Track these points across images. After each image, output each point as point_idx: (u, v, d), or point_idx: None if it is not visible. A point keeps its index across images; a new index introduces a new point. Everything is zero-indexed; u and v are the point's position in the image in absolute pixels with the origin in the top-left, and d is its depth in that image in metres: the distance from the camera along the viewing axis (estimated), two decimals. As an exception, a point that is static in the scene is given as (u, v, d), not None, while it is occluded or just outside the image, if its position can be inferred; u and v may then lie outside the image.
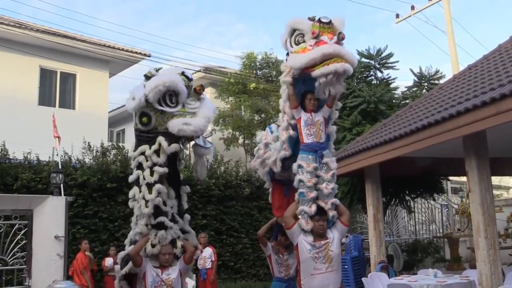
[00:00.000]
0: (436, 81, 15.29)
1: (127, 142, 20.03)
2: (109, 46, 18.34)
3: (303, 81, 5.34)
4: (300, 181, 5.14)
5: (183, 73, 5.18)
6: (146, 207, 4.97)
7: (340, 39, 4.96)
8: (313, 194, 5.10)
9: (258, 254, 16.59)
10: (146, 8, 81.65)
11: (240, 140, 19.64)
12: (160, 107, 4.98)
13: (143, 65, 19.29)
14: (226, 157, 17.65)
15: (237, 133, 19.41)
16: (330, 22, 5.00)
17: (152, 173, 5.01)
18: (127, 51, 18.66)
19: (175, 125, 4.95)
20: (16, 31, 16.43)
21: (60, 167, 11.21)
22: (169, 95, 4.99)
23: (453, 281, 7.75)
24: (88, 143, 15.01)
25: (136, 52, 19.07)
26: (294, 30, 5.24)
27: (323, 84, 4.97)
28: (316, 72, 4.91)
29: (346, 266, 10.17)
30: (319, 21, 5.00)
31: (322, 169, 5.20)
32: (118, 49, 18.27)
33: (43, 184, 12.59)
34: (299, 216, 5.10)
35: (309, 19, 5.15)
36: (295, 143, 5.62)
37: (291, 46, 5.28)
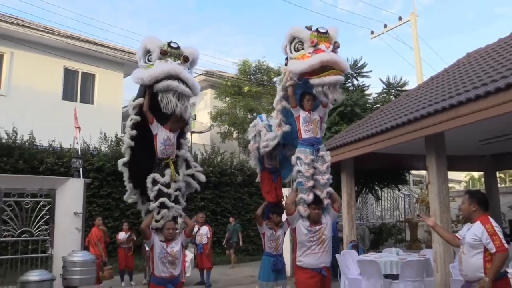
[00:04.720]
0: (402, 88, 15.37)
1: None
2: (124, 51, 18.24)
3: (302, 83, 5.23)
4: (299, 171, 5.01)
5: (169, 44, 5.04)
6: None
7: (335, 47, 4.90)
8: (311, 183, 4.97)
9: (247, 232, 16.66)
10: (157, 19, 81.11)
11: (235, 135, 19.64)
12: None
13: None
14: (222, 149, 17.69)
15: (232, 128, 19.41)
16: (326, 32, 4.90)
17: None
18: (139, 55, 18.50)
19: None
20: (44, 36, 16.31)
21: (79, 153, 11.14)
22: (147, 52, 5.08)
23: (412, 259, 7.79)
24: (104, 133, 14.97)
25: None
26: (293, 38, 5.10)
27: (320, 92, 4.90)
28: (314, 81, 4.86)
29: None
30: (317, 31, 4.89)
31: (318, 162, 5.08)
32: (132, 53, 18.10)
33: (64, 167, 12.58)
34: (298, 203, 5.00)
35: (307, 28, 5.03)
36: (285, 137, 5.63)
37: (291, 52, 5.14)
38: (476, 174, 33.97)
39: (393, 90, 15.61)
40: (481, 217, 4.17)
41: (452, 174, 23.13)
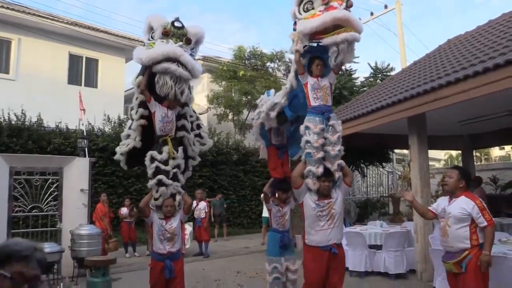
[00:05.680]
0: (388, 73, 15.32)
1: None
2: (126, 37, 17.98)
3: (310, 49, 4.64)
4: (307, 142, 4.39)
5: (173, 23, 4.68)
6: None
7: (348, 6, 4.25)
8: (320, 154, 4.34)
9: (242, 207, 16.79)
10: (159, 8, 79.82)
11: (230, 117, 19.56)
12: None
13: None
14: (218, 129, 17.67)
15: (228, 110, 19.32)
16: None
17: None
18: (141, 41, 18.26)
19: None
20: (51, 23, 16.01)
21: (85, 134, 11.07)
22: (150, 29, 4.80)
23: (395, 230, 7.90)
24: (108, 115, 14.89)
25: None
26: None
27: (334, 52, 4.28)
28: (327, 40, 4.26)
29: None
30: None
31: (329, 131, 4.44)
32: (134, 40, 17.89)
33: (71, 147, 12.51)
34: (306, 176, 4.38)
35: None
36: (292, 99, 5.02)
37: (300, 13, 4.51)
38: (454, 153, 34.23)
39: (380, 75, 15.58)
40: (465, 192, 4.14)
41: (431, 153, 23.23)
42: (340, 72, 4.81)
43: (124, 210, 11.17)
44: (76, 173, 8.31)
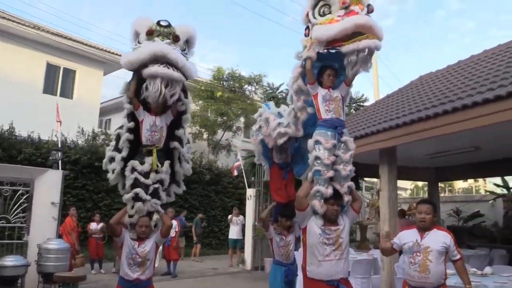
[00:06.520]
0: (362, 104, 15.74)
1: (112, 130, 19.68)
2: (106, 50, 17.89)
3: (321, 57, 4.08)
4: (317, 158, 3.83)
5: (158, 22, 4.21)
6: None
7: (370, 11, 3.75)
8: (330, 173, 3.81)
9: (212, 228, 16.71)
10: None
11: (205, 136, 19.62)
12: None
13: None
14: (192, 148, 17.63)
15: (203, 130, 19.38)
16: None
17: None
18: (120, 56, 18.21)
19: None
20: (30, 31, 15.79)
21: (59, 146, 10.90)
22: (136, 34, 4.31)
23: (362, 258, 8.04)
24: (82, 128, 14.74)
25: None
26: (318, 1, 3.97)
27: (352, 62, 3.79)
28: (347, 48, 3.75)
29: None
30: None
31: (341, 149, 3.91)
32: (113, 53, 17.86)
33: (42, 158, 12.27)
34: (313, 197, 3.83)
35: None
36: (306, 126, 4.48)
37: (314, 18, 3.97)
38: (420, 183, 35.13)
39: (354, 104, 15.98)
40: (437, 226, 4.04)
41: (399, 182, 23.79)
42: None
43: (93, 225, 10.95)
44: (48, 186, 8.16)
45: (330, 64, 4.09)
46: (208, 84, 19.86)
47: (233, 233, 13.11)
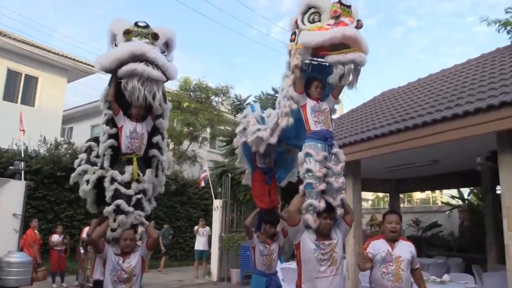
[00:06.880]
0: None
1: (74, 138, 19.23)
2: (70, 58, 17.53)
3: (309, 67, 4.03)
4: (308, 170, 3.72)
5: (136, 23, 4.03)
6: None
7: (358, 26, 3.70)
8: (322, 186, 3.71)
9: (177, 239, 16.56)
10: (102, 28, 78.37)
11: (171, 146, 19.50)
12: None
13: (98, 77, 18.60)
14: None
15: (169, 140, 19.25)
16: (350, 6, 3.74)
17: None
18: (84, 63, 17.93)
19: None
20: (-10, 36, 15.32)
21: (22, 155, 10.58)
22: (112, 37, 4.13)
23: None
24: (44, 136, 14.33)
25: (92, 66, 18.37)
26: (309, 8, 3.89)
27: (338, 74, 3.68)
28: (332, 58, 3.67)
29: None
30: (340, 2, 3.73)
31: (332, 160, 3.83)
32: (77, 61, 17.53)
33: (1, 168, 11.84)
34: (305, 211, 3.70)
35: None
36: (289, 137, 4.41)
37: (303, 23, 3.90)
38: (381, 194, 36.07)
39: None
40: (401, 236, 4.07)
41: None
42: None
43: (55, 237, 10.62)
44: (10, 197, 7.95)
45: (318, 76, 4.02)
46: (175, 94, 19.81)
47: (199, 244, 13.06)
